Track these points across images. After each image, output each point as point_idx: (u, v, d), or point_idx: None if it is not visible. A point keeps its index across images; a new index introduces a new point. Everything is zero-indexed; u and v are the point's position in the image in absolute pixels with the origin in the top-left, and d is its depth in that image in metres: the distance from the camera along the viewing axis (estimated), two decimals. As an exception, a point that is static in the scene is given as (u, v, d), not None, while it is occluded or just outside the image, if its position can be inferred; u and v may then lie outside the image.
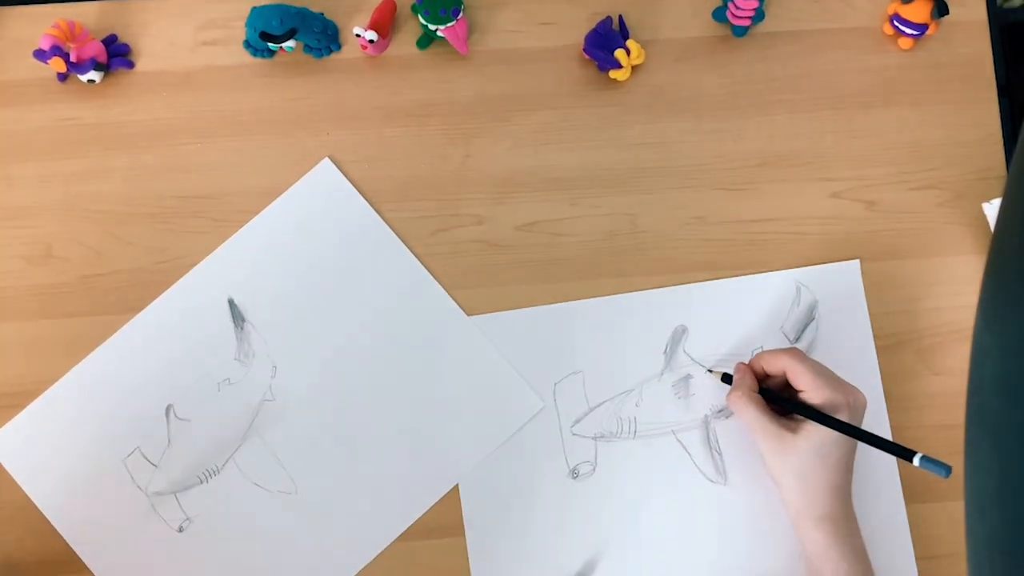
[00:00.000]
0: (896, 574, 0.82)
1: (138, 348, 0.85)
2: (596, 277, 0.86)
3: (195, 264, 0.85)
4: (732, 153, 0.88)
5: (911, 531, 0.82)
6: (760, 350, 0.84)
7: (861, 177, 0.88)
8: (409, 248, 0.86)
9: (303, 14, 0.85)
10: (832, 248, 0.86)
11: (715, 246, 0.86)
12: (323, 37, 0.86)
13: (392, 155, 0.87)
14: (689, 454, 0.84)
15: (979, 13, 0.90)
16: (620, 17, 0.88)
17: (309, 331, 0.85)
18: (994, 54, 0.89)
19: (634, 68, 0.87)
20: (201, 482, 0.83)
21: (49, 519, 0.82)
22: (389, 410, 0.84)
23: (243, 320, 0.85)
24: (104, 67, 0.86)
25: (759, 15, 0.86)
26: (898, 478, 0.83)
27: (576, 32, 0.89)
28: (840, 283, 0.86)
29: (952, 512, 0.83)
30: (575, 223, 0.87)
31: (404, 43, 0.89)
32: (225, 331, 0.85)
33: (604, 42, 0.85)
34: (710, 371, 0.84)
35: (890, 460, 0.83)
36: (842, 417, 0.74)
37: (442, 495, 0.83)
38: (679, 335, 0.85)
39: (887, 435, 0.83)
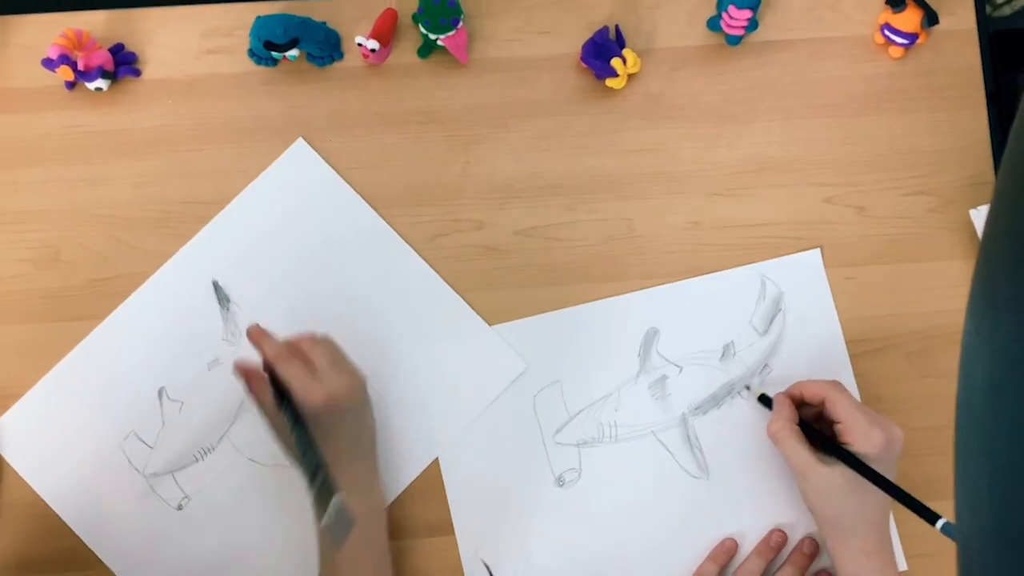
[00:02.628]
0: None
1: (127, 334, 0.86)
2: (594, 281, 0.87)
3: (200, 268, 0.87)
4: (727, 159, 0.89)
5: (899, 528, 0.83)
6: (731, 345, 0.86)
7: (853, 183, 0.89)
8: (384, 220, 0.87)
9: (306, 23, 0.86)
10: (824, 252, 0.87)
11: (711, 251, 0.88)
12: (325, 46, 0.88)
13: (393, 161, 0.89)
14: (671, 452, 0.85)
15: (968, 22, 0.91)
16: (617, 27, 0.89)
17: (293, 307, 0.87)
18: (983, 62, 0.91)
19: (630, 76, 0.89)
20: (197, 460, 0.85)
21: (50, 505, 0.84)
22: (375, 377, 0.85)
23: (228, 301, 0.87)
24: (111, 75, 0.88)
25: (753, 24, 0.88)
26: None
27: (574, 41, 0.90)
28: (804, 273, 0.88)
29: (941, 510, 0.84)
30: (573, 228, 0.88)
31: (405, 52, 0.90)
32: (211, 313, 0.87)
33: (601, 51, 0.87)
34: (747, 388, 0.85)
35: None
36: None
37: (432, 459, 0.84)
38: (651, 337, 0.86)
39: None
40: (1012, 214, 0.34)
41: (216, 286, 0.87)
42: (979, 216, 0.87)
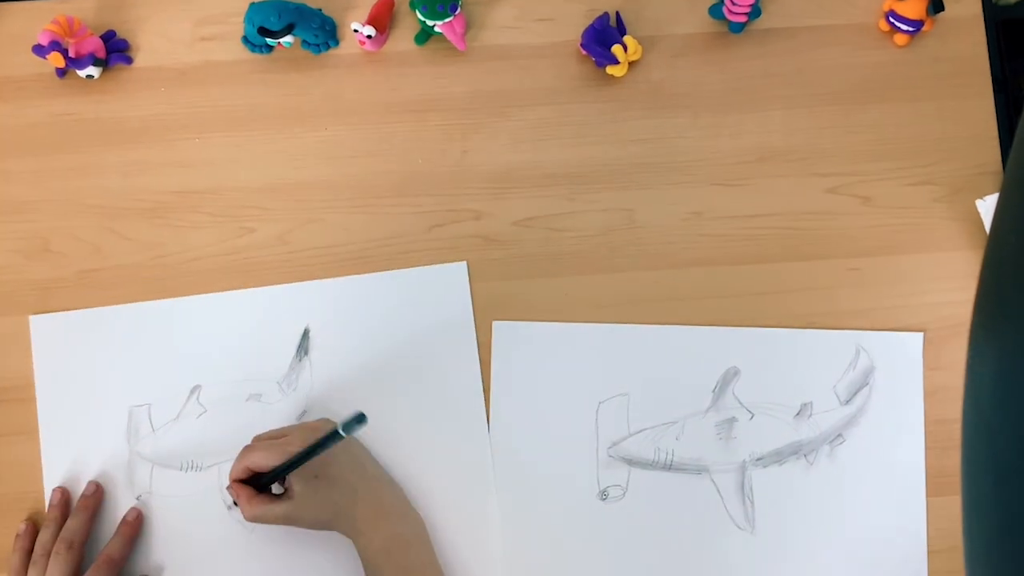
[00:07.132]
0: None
1: (208, 320, 0.86)
2: (594, 272, 0.86)
3: (195, 259, 0.86)
4: (729, 149, 0.88)
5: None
6: (809, 405, 0.84)
7: (857, 172, 0.88)
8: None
9: (301, 10, 0.85)
10: (828, 243, 0.87)
11: (712, 241, 0.87)
12: (321, 33, 0.87)
13: (390, 150, 0.87)
14: (721, 496, 0.83)
15: (974, 9, 0.90)
16: (617, 13, 0.88)
17: (354, 399, 0.84)
18: (989, 50, 0.90)
19: (631, 64, 0.88)
20: (181, 469, 0.83)
21: (39, 413, 0.84)
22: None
23: (306, 354, 0.85)
24: (103, 63, 0.87)
25: (755, 11, 0.87)
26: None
27: (573, 28, 0.89)
28: (901, 355, 0.85)
29: (948, 506, 0.83)
30: (573, 218, 0.87)
31: (402, 39, 0.89)
32: (284, 353, 0.85)
33: (601, 38, 0.86)
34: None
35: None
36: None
37: None
38: (731, 376, 0.85)
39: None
40: (1020, 211, 0.34)
41: (306, 334, 0.85)
42: (985, 206, 0.86)
